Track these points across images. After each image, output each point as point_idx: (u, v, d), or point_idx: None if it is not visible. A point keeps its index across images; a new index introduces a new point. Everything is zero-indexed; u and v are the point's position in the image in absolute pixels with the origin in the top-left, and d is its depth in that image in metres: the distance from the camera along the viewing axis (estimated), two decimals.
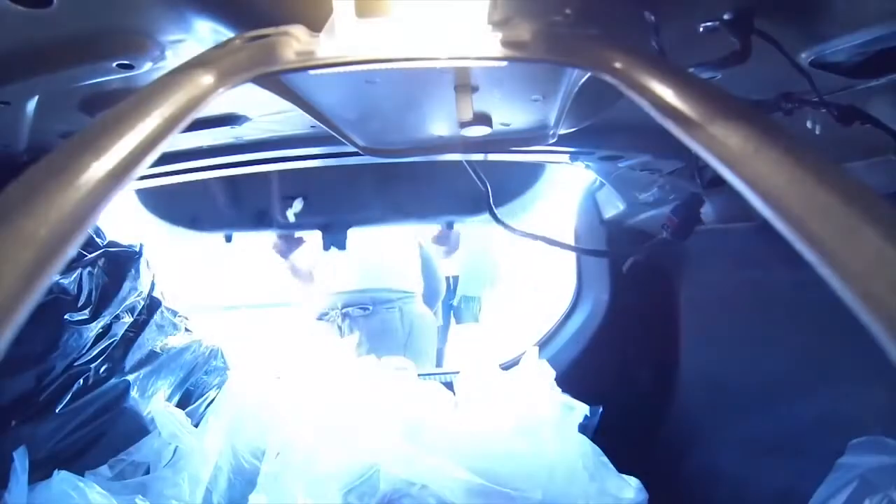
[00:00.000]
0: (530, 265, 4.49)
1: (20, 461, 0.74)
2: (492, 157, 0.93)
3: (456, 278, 3.15)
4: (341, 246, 1.22)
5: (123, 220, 1.16)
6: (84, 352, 0.91)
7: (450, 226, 1.33)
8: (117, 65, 0.49)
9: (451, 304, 3.15)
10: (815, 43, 0.52)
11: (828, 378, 0.84)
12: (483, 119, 0.66)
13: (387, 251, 1.75)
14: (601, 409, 1.01)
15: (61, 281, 0.89)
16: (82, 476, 0.80)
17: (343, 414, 1.02)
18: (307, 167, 0.97)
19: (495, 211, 1.04)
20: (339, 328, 1.68)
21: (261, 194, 1.20)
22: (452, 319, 3.19)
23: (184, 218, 1.20)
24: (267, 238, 1.72)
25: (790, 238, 0.22)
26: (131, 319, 1.02)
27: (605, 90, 0.34)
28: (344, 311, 1.70)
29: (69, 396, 0.87)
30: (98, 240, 1.03)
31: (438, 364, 2.31)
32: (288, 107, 0.57)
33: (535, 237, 1.03)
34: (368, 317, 1.70)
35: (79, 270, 0.92)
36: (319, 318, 1.74)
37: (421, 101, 0.63)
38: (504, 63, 0.34)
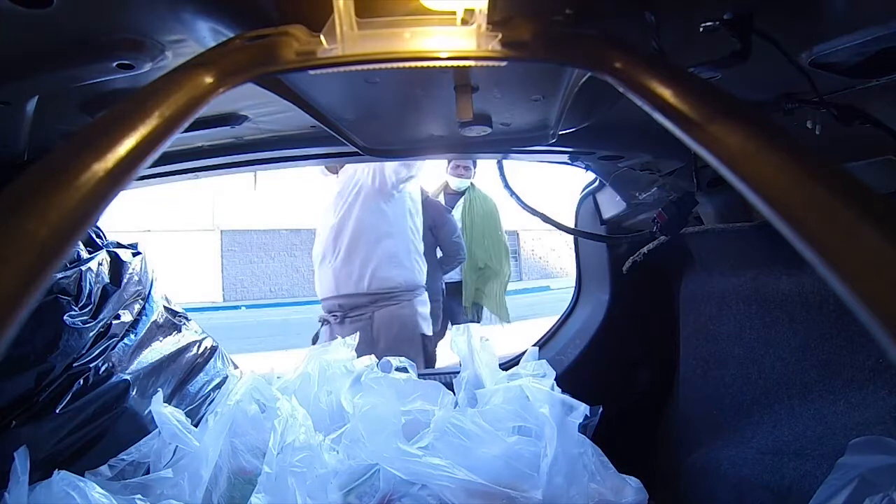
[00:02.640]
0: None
1: (20, 461, 0.74)
2: None
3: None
4: None
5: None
6: (84, 352, 0.91)
7: None
8: (117, 65, 0.49)
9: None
10: (815, 43, 0.52)
11: (828, 378, 0.84)
12: (483, 119, 0.66)
13: (371, 252, 1.63)
14: (601, 409, 1.01)
15: (61, 281, 0.89)
16: (82, 476, 0.80)
17: (343, 414, 1.03)
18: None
19: (508, 183, 1.14)
20: (316, 336, 1.67)
21: None
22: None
23: None
24: None
25: (790, 238, 0.22)
26: (131, 319, 1.02)
27: (605, 90, 0.34)
28: (322, 317, 1.68)
29: (69, 396, 0.87)
30: (98, 240, 1.03)
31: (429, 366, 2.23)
32: (288, 107, 0.57)
33: (535, 213, 1.13)
34: (341, 324, 1.64)
35: (79, 270, 0.92)
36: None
37: (421, 101, 0.63)
38: (504, 63, 0.34)
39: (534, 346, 1.29)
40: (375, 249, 1.63)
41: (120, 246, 1.08)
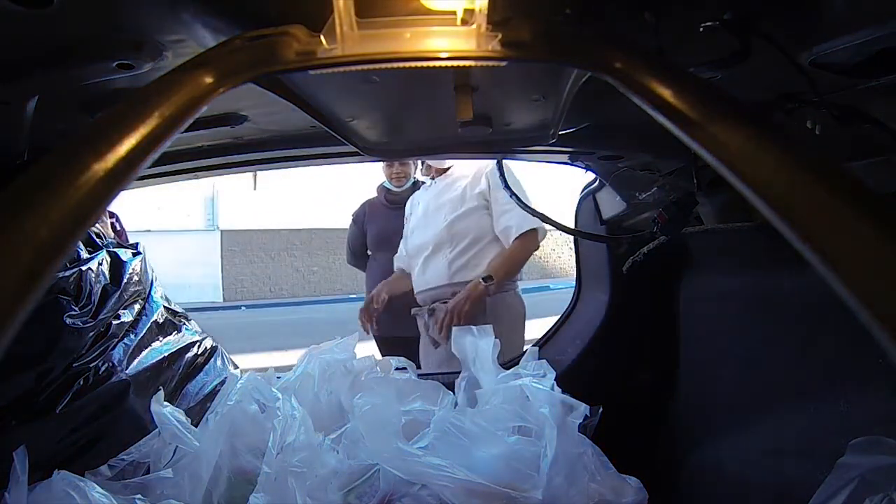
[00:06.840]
0: None
1: (20, 461, 0.74)
2: None
3: None
4: None
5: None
6: (84, 352, 0.91)
7: None
8: (117, 65, 0.49)
9: None
10: (815, 43, 0.52)
11: (828, 378, 0.84)
12: (483, 119, 0.66)
13: (472, 248, 1.72)
14: (601, 409, 1.01)
15: (61, 281, 0.89)
16: (82, 476, 0.80)
17: (343, 414, 1.02)
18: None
19: (508, 183, 1.16)
20: (426, 324, 1.69)
21: None
22: None
23: None
24: None
25: (790, 238, 0.22)
26: (131, 319, 1.02)
27: (605, 90, 0.34)
28: (431, 307, 1.68)
29: (69, 396, 0.87)
30: (98, 240, 1.03)
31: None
32: (288, 107, 0.57)
33: (535, 213, 1.15)
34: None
35: (79, 270, 0.92)
36: (413, 314, 1.75)
37: (421, 101, 0.63)
38: (504, 63, 0.34)
39: (534, 346, 1.29)
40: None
41: (120, 246, 1.08)
